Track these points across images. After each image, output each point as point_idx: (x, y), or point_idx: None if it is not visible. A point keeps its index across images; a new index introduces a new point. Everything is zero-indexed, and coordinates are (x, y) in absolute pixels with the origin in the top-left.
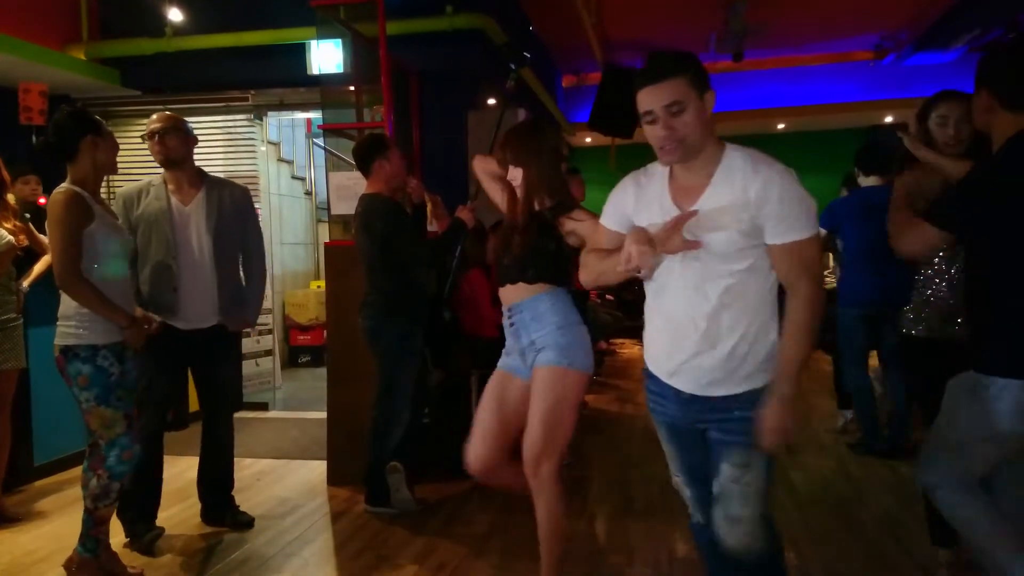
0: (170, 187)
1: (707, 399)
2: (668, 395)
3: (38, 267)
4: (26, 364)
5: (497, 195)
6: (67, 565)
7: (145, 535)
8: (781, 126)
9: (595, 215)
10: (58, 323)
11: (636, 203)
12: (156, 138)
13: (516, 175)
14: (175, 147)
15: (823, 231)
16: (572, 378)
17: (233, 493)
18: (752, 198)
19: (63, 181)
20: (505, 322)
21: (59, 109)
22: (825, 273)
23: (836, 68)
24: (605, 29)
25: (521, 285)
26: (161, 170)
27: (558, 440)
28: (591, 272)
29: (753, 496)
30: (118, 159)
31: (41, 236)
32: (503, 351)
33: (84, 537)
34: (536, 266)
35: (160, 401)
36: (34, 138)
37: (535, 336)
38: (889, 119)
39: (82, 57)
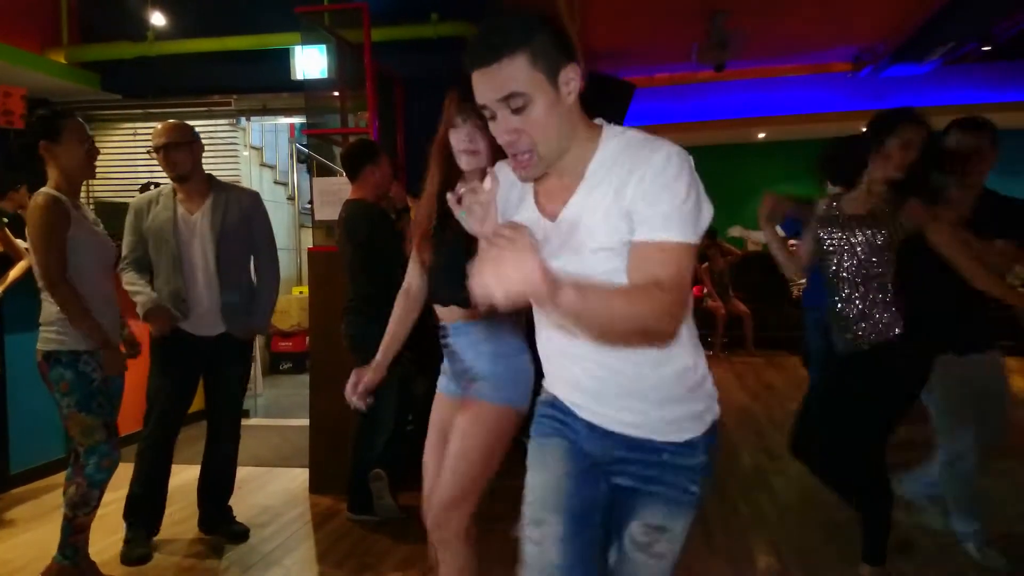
0: (179, 196)
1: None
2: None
3: (14, 272)
4: (2, 370)
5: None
6: (45, 574)
7: (141, 549)
8: (761, 135)
9: None
10: (40, 328)
11: (504, 193)
12: (161, 154)
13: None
14: (182, 162)
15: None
16: (505, 416)
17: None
18: (628, 196)
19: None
20: (441, 339)
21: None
22: (800, 281)
23: (815, 79)
24: (588, 38)
25: (454, 308)
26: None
27: (477, 487)
28: None
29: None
30: (97, 163)
31: (18, 241)
32: (442, 368)
33: (63, 545)
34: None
35: (166, 407)
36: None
37: (468, 363)
38: (865, 129)
39: (62, 61)
